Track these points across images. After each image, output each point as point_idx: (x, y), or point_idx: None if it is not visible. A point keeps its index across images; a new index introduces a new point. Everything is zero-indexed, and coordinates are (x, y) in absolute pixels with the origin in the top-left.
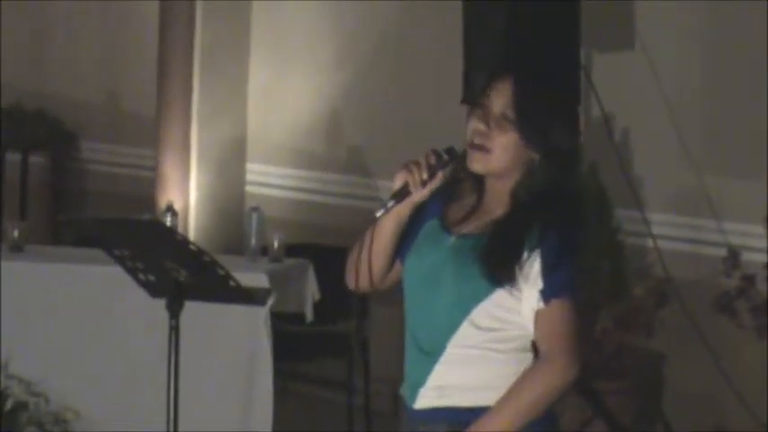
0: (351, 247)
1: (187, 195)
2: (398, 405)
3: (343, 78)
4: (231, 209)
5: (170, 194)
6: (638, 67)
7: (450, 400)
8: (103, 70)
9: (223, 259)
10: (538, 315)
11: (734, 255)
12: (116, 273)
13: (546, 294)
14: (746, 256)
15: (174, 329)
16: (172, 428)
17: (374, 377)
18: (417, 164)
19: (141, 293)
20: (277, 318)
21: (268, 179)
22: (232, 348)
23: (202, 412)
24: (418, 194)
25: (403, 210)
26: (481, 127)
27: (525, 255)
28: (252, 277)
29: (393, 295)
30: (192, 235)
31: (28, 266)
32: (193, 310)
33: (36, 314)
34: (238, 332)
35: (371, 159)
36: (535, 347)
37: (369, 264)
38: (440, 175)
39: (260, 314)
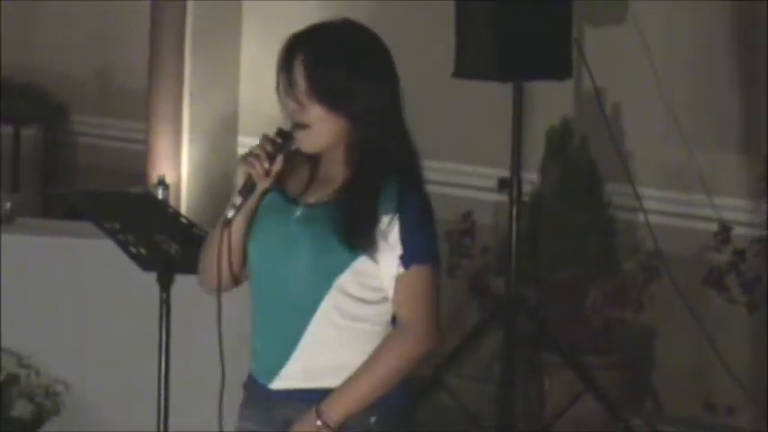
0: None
1: (179, 169)
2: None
3: None
4: (223, 182)
5: (161, 168)
6: (629, 40)
7: (317, 382)
8: (95, 43)
9: None
10: (398, 281)
11: (724, 229)
12: (107, 246)
13: (406, 260)
14: (737, 231)
15: (165, 303)
16: (162, 402)
17: None
18: (256, 155)
19: (132, 267)
20: None
21: None
22: (223, 322)
23: (193, 386)
24: (264, 183)
25: (252, 202)
26: (293, 105)
27: (383, 219)
28: None
29: None
30: (183, 208)
31: (19, 239)
32: (184, 284)
33: (27, 287)
34: (229, 306)
35: None
36: None
37: (230, 263)
38: (280, 159)
39: (250, 288)
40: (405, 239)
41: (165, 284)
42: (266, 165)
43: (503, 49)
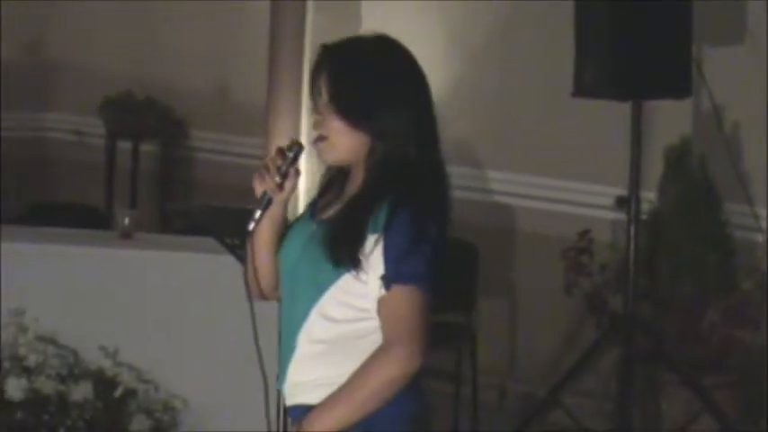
0: (458, 237)
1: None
2: None
3: (451, 71)
4: None
5: None
6: (748, 60)
7: (297, 398)
8: (213, 59)
9: None
10: (380, 302)
11: None
12: (225, 261)
13: (387, 280)
14: None
15: None
16: (278, 417)
17: (481, 369)
18: (267, 168)
19: None
20: None
21: None
22: None
23: None
24: (281, 195)
25: (275, 212)
26: (316, 116)
27: (369, 239)
28: None
29: (500, 288)
30: None
31: (137, 254)
32: None
33: (145, 301)
34: None
35: (480, 151)
36: None
37: (255, 275)
38: (293, 172)
39: None
40: (388, 260)
41: None
42: (277, 179)
43: (622, 68)
